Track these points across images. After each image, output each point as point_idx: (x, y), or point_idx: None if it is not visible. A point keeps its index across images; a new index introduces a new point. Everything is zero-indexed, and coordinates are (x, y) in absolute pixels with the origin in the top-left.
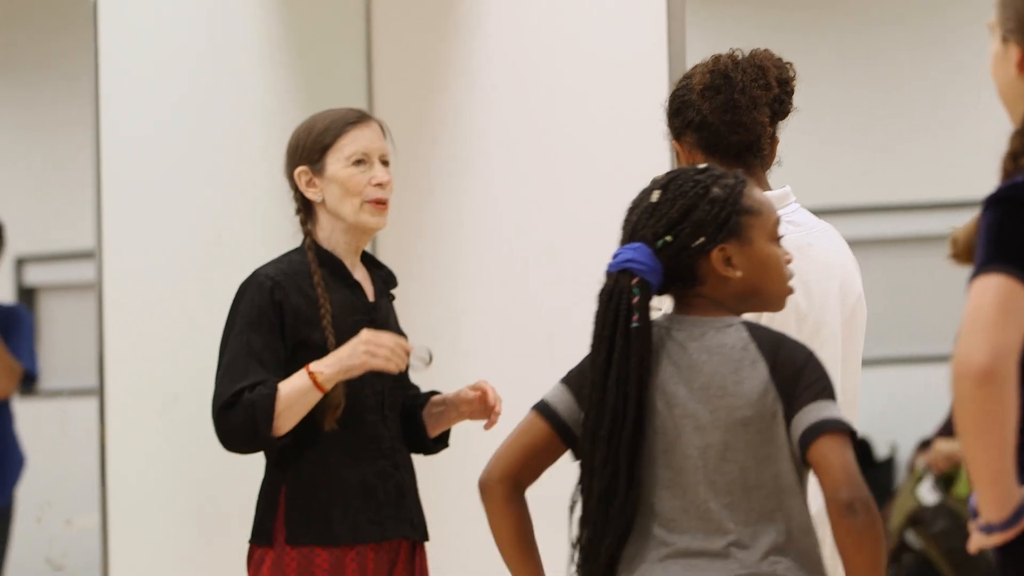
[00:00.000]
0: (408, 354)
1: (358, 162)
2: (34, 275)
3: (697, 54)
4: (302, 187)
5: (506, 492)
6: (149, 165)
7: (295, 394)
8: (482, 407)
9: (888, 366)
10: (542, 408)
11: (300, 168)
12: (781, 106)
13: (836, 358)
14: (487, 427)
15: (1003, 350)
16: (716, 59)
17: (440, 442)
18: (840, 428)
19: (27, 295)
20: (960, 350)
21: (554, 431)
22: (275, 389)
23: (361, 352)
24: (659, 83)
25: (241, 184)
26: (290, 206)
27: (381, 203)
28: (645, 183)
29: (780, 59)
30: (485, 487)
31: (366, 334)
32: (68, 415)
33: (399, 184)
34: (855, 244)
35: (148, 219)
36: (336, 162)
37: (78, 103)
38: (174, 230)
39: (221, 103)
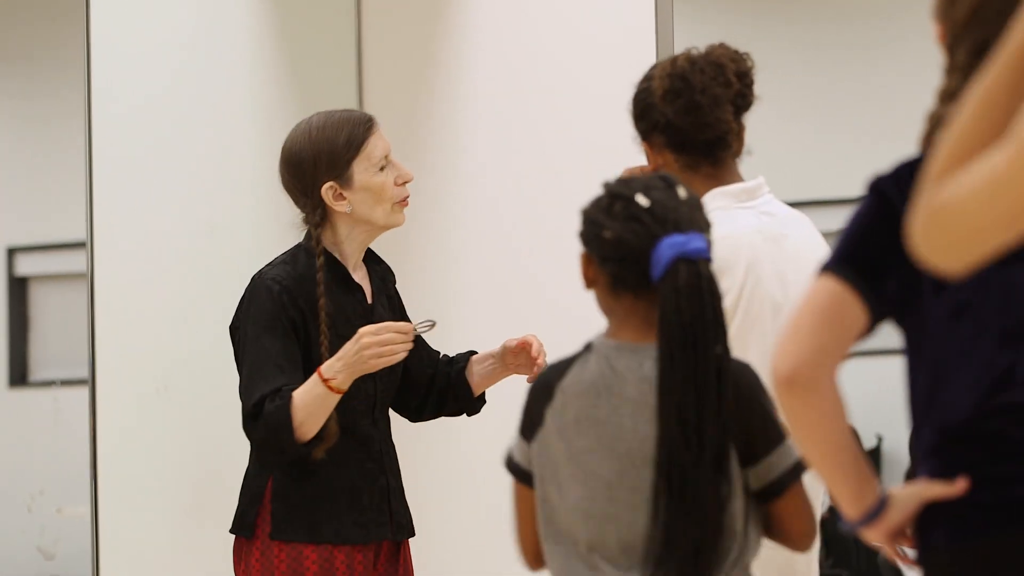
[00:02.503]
0: (412, 331)
1: (383, 167)
2: (25, 265)
3: (685, 37)
4: (330, 201)
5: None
6: (140, 155)
7: (312, 401)
8: (527, 360)
9: (873, 357)
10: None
11: (328, 184)
12: (743, 100)
13: None
14: (529, 380)
15: (810, 358)
16: (673, 62)
17: (481, 400)
18: None
19: (18, 285)
20: (773, 354)
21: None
22: (289, 400)
23: (368, 357)
24: (649, 64)
25: (232, 174)
26: (281, 196)
27: (406, 199)
28: (639, 162)
29: (736, 52)
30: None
31: (367, 338)
32: (59, 404)
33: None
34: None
35: (139, 209)
36: (364, 171)
37: (69, 93)
38: (165, 220)
39: (213, 94)
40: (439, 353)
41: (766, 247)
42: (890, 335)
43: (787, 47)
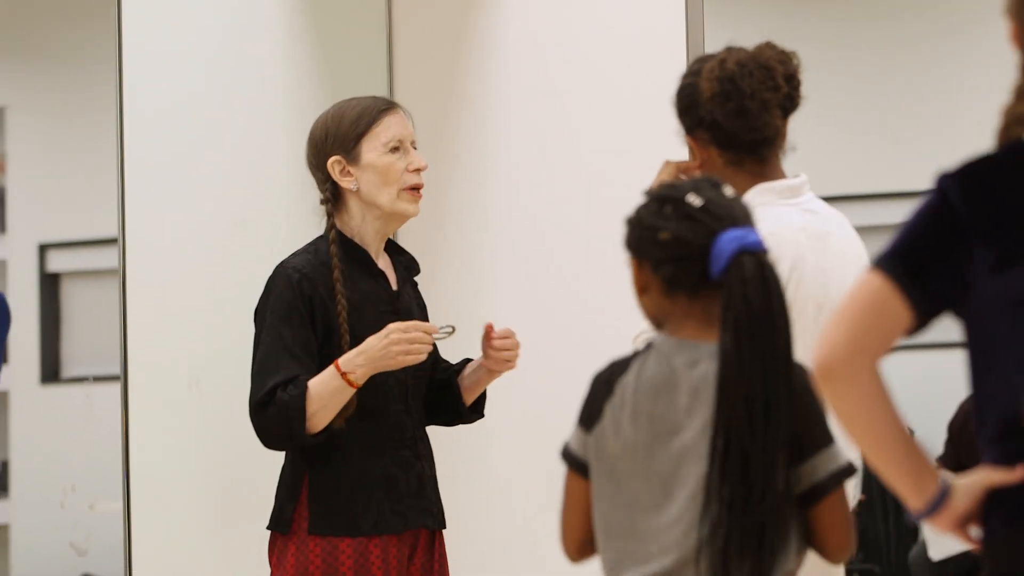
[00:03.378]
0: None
1: (394, 149)
2: (57, 262)
3: (715, 33)
4: (336, 176)
5: None
6: (172, 152)
7: (328, 393)
8: (495, 352)
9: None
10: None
11: (334, 158)
12: (791, 102)
13: None
14: (488, 366)
15: (845, 350)
16: (722, 63)
17: (475, 411)
18: None
19: (50, 281)
20: (815, 345)
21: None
22: (305, 389)
23: (395, 353)
24: (678, 59)
25: (264, 170)
26: (312, 192)
27: (417, 189)
28: (669, 156)
29: (783, 52)
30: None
31: (396, 334)
32: (92, 401)
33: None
34: (869, 230)
35: (171, 206)
36: (372, 150)
37: (101, 90)
38: (197, 216)
39: (243, 89)
40: (448, 362)
41: (810, 245)
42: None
43: (817, 43)
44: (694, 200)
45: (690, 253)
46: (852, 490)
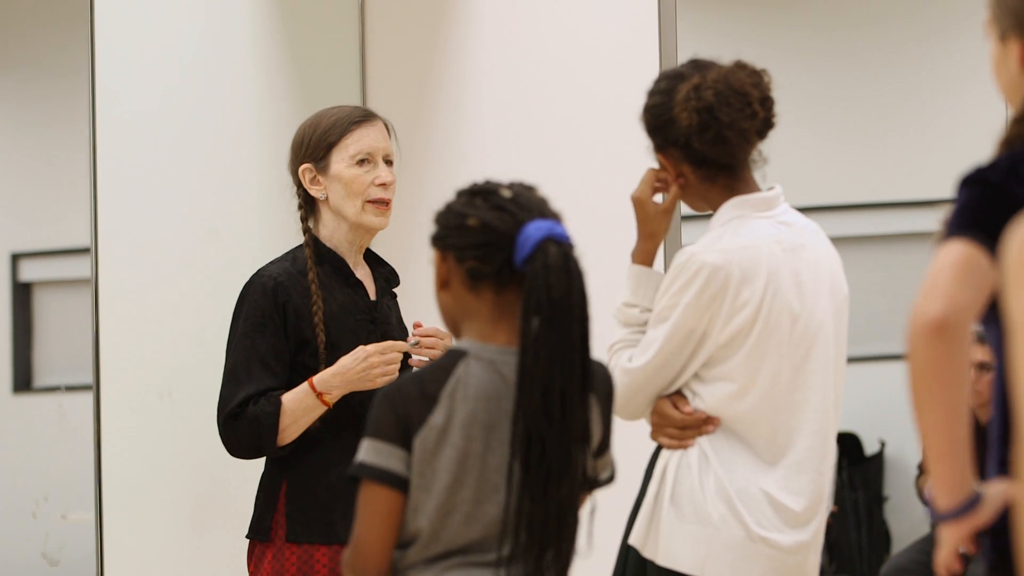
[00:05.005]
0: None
1: (362, 161)
2: (29, 271)
3: (688, 38)
4: (306, 184)
5: None
6: (144, 161)
7: (300, 411)
8: (425, 350)
9: (877, 362)
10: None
11: (304, 165)
12: (766, 125)
13: (828, 358)
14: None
15: (957, 306)
16: (697, 91)
17: None
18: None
19: (22, 290)
20: (916, 305)
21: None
22: (279, 406)
23: (376, 376)
24: (651, 65)
25: (237, 179)
26: (287, 201)
27: (383, 203)
28: (641, 165)
29: (755, 73)
30: None
31: (375, 357)
32: (64, 410)
33: (396, 178)
34: (846, 240)
35: (144, 215)
36: (340, 161)
37: (74, 99)
38: (170, 226)
39: (217, 98)
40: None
41: (785, 257)
42: (891, 341)
43: (787, 51)
44: (504, 192)
45: (496, 240)
46: (826, 501)
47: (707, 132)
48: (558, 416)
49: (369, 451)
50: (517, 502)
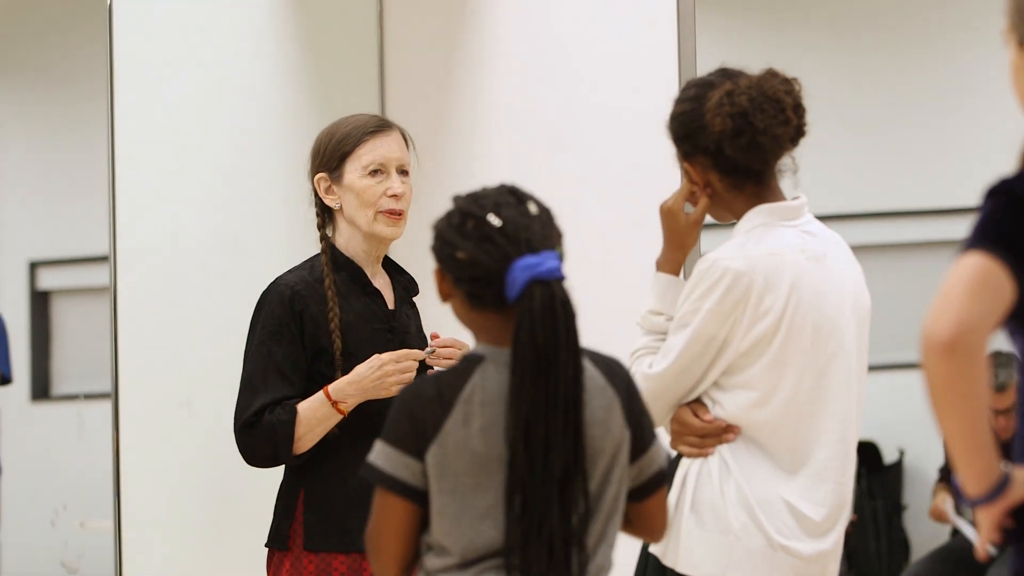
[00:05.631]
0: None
1: (375, 172)
2: (48, 279)
3: (707, 45)
4: (321, 193)
5: None
6: (163, 169)
7: (316, 420)
8: (442, 360)
9: (897, 371)
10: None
11: (320, 175)
12: (799, 132)
13: (851, 367)
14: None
15: (969, 323)
16: (731, 96)
17: None
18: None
19: (40, 299)
20: (927, 322)
21: None
22: (295, 414)
23: (391, 384)
24: (670, 74)
25: (256, 187)
26: (306, 209)
27: (395, 214)
28: (659, 172)
29: (787, 81)
30: None
31: (390, 365)
32: (83, 419)
33: (414, 185)
34: (866, 248)
35: (162, 223)
36: (353, 171)
37: (92, 106)
38: (188, 234)
39: (236, 107)
40: None
41: (809, 266)
42: (912, 349)
43: (806, 59)
44: (493, 220)
45: (485, 275)
46: (846, 511)
47: (741, 138)
48: (540, 460)
49: (381, 455)
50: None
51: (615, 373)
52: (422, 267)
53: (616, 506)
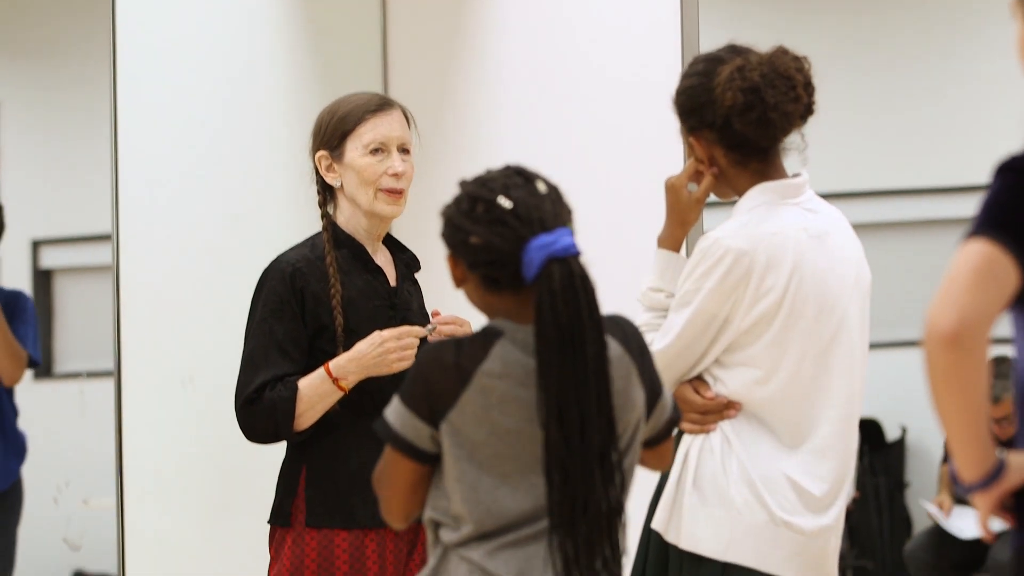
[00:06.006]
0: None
1: (376, 151)
2: (50, 258)
3: (710, 27)
4: (322, 171)
5: None
6: (166, 148)
7: (316, 396)
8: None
9: (899, 349)
10: None
11: (320, 153)
12: (808, 110)
13: (853, 344)
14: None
15: (972, 315)
16: (742, 72)
17: None
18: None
19: (43, 278)
20: (930, 312)
21: None
22: (295, 391)
23: (392, 361)
24: (673, 52)
25: (258, 166)
26: (308, 188)
27: (396, 192)
28: (663, 154)
29: (797, 59)
30: None
31: (391, 342)
32: (85, 397)
33: (416, 165)
34: (869, 227)
35: (165, 202)
36: (354, 150)
37: (95, 86)
38: (191, 213)
39: (239, 85)
40: None
41: (811, 244)
42: (915, 327)
43: (809, 38)
44: (504, 203)
45: (501, 258)
46: (847, 487)
47: (751, 113)
48: (577, 438)
49: (395, 412)
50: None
51: (628, 336)
52: (424, 245)
53: (635, 463)
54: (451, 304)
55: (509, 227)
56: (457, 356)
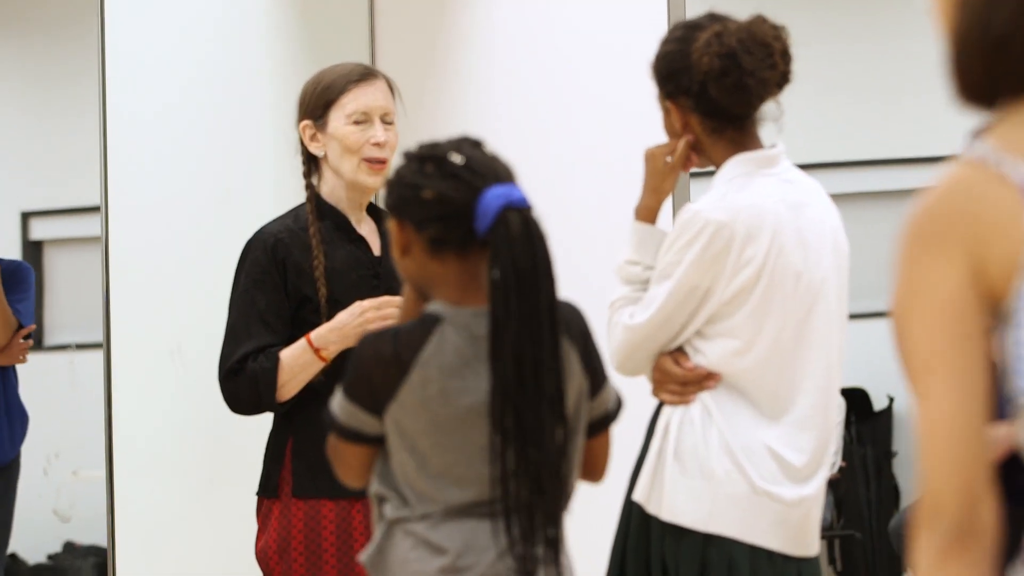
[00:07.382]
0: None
1: (359, 120)
2: (40, 229)
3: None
4: (306, 141)
5: None
6: (154, 120)
7: (298, 367)
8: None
9: (885, 318)
10: None
11: (305, 122)
12: (784, 79)
13: (831, 315)
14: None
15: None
16: (719, 38)
17: None
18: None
19: (33, 249)
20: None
21: None
22: (277, 361)
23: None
24: (660, 24)
25: (247, 138)
26: (296, 160)
27: (378, 162)
28: (649, 125)
29: (775, 28)
30: None
31: (371, 312)
32: (74, 368)
33: (402, 137)
34: (851, 197)
35: (154, 173)
36: (337, 119)
37: (83, 57)
38: (180, 184)
39: (227, 58)
40: None
41: (789, 215)
42: None
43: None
44: (456, 158)
45: (455, 211)
46: (828, 457)
47: (727, 78)
48: (531, 385)
49: (340, 406)
50: (502, 464)
51: (570, 323)
52: None
53: (579, 447)
54: None
55: (462, 180)
56: (395, 347)
